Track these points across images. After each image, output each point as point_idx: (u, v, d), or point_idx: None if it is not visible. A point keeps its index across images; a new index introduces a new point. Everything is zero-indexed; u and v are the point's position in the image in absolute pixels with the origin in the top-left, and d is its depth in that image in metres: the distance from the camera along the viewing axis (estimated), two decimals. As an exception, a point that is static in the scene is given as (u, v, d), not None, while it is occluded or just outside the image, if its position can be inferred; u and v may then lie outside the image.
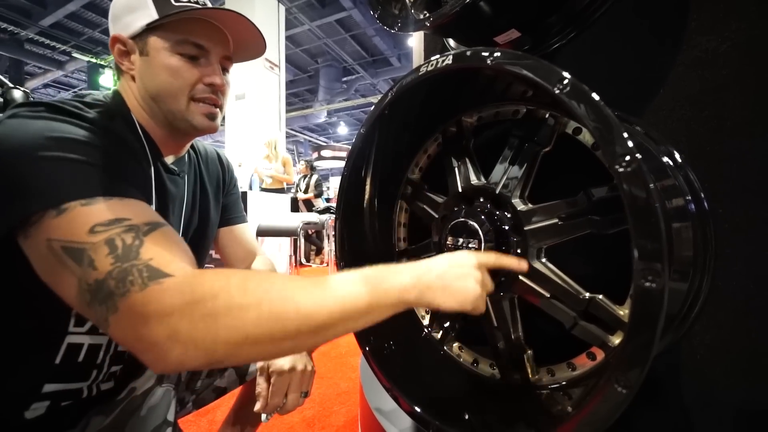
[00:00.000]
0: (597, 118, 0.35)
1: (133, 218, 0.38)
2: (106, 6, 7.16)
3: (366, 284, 0.40)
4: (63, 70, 8.80)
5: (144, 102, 0.54)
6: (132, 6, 0.52)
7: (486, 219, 0.61)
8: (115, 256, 0.35)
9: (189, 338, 0.32)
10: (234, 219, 0.80)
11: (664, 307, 0.30)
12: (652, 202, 0.30)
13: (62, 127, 0.41)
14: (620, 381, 0.33)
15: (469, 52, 0.46)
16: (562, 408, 0.50)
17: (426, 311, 0.81)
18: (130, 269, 0.34)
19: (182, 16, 0.51)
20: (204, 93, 0.54)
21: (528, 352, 0.59)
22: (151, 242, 0.37)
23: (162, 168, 0.57)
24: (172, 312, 0.32)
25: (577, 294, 0.50)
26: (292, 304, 0.35)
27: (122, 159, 0.46)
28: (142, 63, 0.52)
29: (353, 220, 0.83)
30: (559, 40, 0.73)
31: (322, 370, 1.40)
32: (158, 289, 0.33)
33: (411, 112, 0.72)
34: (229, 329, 0.33)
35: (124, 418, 0.50)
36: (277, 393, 0.55)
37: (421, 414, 0.58)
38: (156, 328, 0.32)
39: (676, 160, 0.58)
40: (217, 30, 0.55)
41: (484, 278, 0.46)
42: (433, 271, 0.44)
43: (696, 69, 0.56)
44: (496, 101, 0.65)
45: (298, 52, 8.85)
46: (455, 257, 0.46)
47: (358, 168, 0.79)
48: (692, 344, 0.56)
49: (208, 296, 0.33)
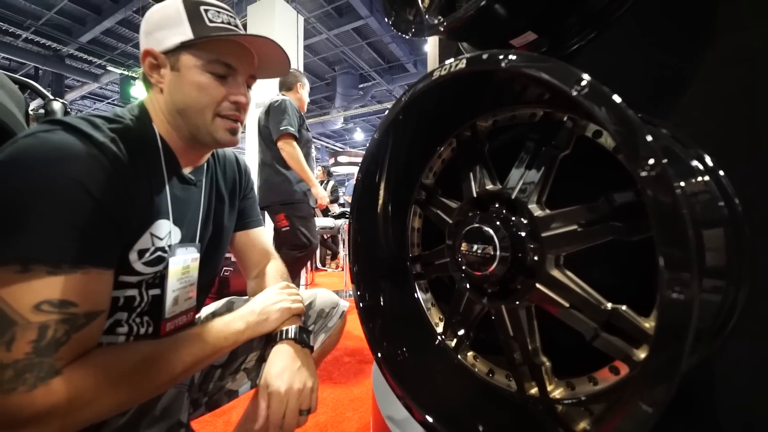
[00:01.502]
0: (618, 121, 0.33)
1: (80, 304, 0.41)
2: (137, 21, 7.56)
3: (209, 338, 0.55)
4: (98, 83, 9.32)
5: (169, 115, 0.57)
6: (166, 23, 0.54)
7: (502, 225, 0.59)
8: (35, 347, 0.37)
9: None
10: (250, 223, 0.82)
11: (693, 320, 0.28)
12: (678, 208, 0.28)
13: (70, 150, 0.43)
14: (645, 398, 0.30)
15: (485, 55, 0.45)
16: (581, 424, 0.47)
17: (440, 318, 0.79)
18: (37, 365, 0.37)
19: (216, 38, 0.53)
20: (229, 110, 0.57)
21: (546, 363, 0.57)
22: (76, 340, 0.41)
23: (178, 178, 0.59)
24: (46, 415, 0.37)
25: (598, 304, 0.48)
26: (150, 382, 0.47)
27: (117, 192, 0.47)
28: (172, 77, 0.55)
29: (367, 225, 0.83)
30: (578, 41, 0.71)
31: (335, 376, 1.39)
32: (43, 392, 0.37)
33: (425, 116, 0.71)
34: (91, 420, 0.42)
35: (138, 418, 0.51)
36: (274, 414, 0.54)
37: (434, 424, 0.56)
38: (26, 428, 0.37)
39: (707, 164, 0.55)
40: (246, 50, 0.57)
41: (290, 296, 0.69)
42: (255, 312, 0.63)
43: (726, 67, 0.53)
44: (512, 104, 0.64)
45: (316, 60, 9.04)
46: (265, 295, 0.68)
47: (372, 173, 0.79)
48: (728, 359, 0.52)
49: (83, 401, 0.40)
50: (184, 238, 0.62)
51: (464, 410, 0.63)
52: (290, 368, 0.57)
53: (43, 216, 0.40)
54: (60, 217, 0.40)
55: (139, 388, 0.45)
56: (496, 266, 0.58)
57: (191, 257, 0.64)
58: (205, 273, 0.68)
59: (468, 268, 0.63)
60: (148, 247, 0.54)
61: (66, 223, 0.41)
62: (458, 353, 0.72)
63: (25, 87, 1.89)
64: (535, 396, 0.57)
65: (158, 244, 0.56)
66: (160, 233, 0.56)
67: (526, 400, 0.58)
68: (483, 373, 0.67)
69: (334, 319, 0.81)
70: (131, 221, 0.50)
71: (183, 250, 0.62)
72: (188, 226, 0.63)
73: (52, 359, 0.38)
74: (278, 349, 0.60)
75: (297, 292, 0.73)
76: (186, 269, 0.64)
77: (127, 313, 0.55)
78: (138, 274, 0.54)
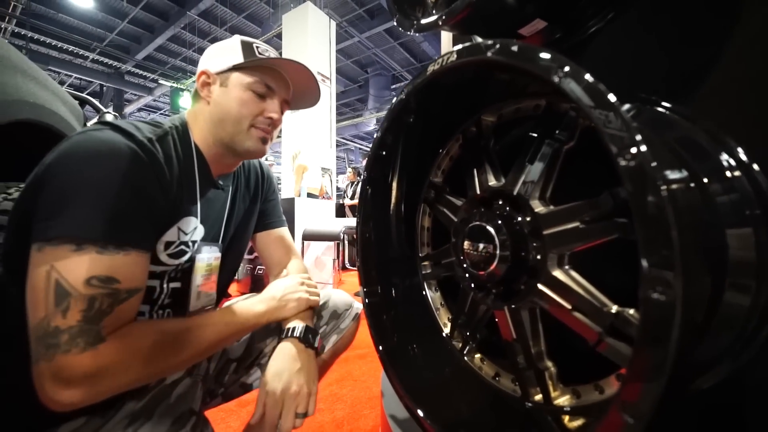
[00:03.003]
0: (597, 104, 0.31)
1: (123, 282, 0.46)
2: (184, 37, 8.16)
3: (233, 318, 0.60)
4: (152, 95, 10.21)
5: (211, 124, 0.64)
6: (224, 52, 0.65)
7: (503, 223, 0.57)
8: (85, 316, 0.42)
9: (91, 395, 0.43)
10: (272, 223, 0.86)
11: (675, 323, 0.25)
12: (658, 203, 0.26)
13: (114, 145, 0.49)
14: (627, 409, 0.28)
15: (470, 46, 0.44)
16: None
17: (449, 319, 0.78)
18: (87, 331, 0.42)
19: (262, 62, 0.64)
20: (262, 124, 0.66)
21: (551, 368, 0.54)
22: (118, 312, 0.46)
23: (208, 182, 0.66)
24: (94, 375, 0.42)
25: (602, 307, 0.44)
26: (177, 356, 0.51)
27: (152, 185, 0.53)
28: (220, 92, 0.64)
29: (376, 226, 0.83)
30: (595, 23, 0.67)
31: (356, 373, 1.41)
32: (92, 354, 0.42)
33: (429, 113, 0.70)
34: (121, 387, 0.46)
35: (154, 404, 0.56)
36: (270, 414, 0.56)
37: (433, 426, 0.55)
38: (66, 390, 0.41)
39: (738, 156, 0.49)
40: (284, 80, 0.68)
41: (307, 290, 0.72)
42: (276, 298, 0.67)
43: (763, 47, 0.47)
44: (516, 97, 0.61)
45: (349, 63, 9.20)
46: (286, 282, 0.71)
47: (378, 173, 0.80)
48: (763, 370, 0.46)
49: (124, 366, 0.45)
50: (206, 237, 0.66)
51: (467, 414, 0.61)
52: (289, 369, 0.59)
53: (92, 202, 0.45)
54: (105, 204, 0.46)
55: (170, 358, 0.50)
56: (497, 265, 0.56)
57: (214, 256, 0.69)
58: (225, 271, 0.73)
59: (470, 267, 0.61)
60: (174, 240, 0.59)
61: (111, 209, 0.46)
62: (464, 355, 0.70)
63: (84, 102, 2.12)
64: (539, 402, 0.54)
65: (183, 238, 0.61)
66: (187, 229, 0.61)
67: (529, 407, 0.55)
68: (489, 376, 0.65)
69: (347, 320, 0.83)
70: (162, 213, 0.55)
71: (207, 249, 0.67)
72: (212, 226, 0.68)
73: (99, 327, 0.43)
74: (282, 347, 0.62)
75: (315, 285, 0.76)
76: (209, 267, 0.69)
77: (149, 306, 0.60)
78: (162, 265, 0.59)
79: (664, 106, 0.56)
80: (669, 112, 0.55)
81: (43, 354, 0.41)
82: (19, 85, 1.03)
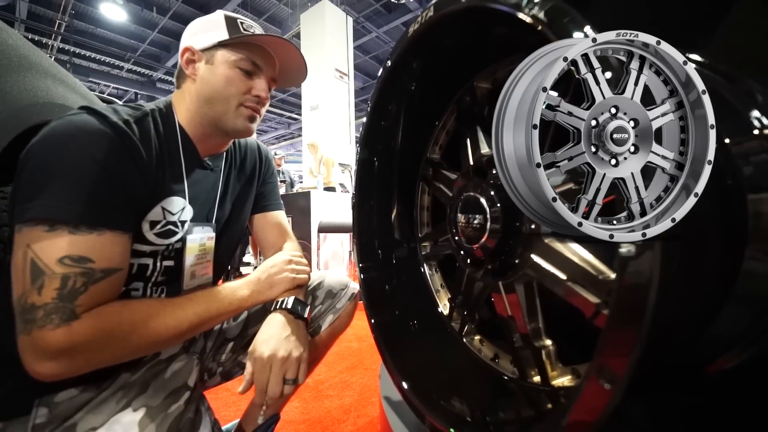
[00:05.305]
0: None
1: (97, 262, 0.47)
2: (209, 43, 8.43)
3: (215, 301, 0.59)
4: (182, 101, 10.66)
5: (198, 103, 0.63)
6: (207, 27, 0.64)
7: (495, 193, 0.53)
8: (60, 294, 0.44)
9: (69, 368, 0.45)
10: (269, 206, 0.85)
11: (656, 273, 0.21)
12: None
13: (86, 128, 0.50)
14: (604, 373, 0.24)
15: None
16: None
17: (449, 300, 0.74)
18: (61, 308, 0.43)
19: (248, 39, 0.62)
20: (250, 102, 0.64)
21: (549, 347, 0.49)
22: (93, 291, 0.46)
23: (194, 162, 0.65)
24: (69, 351, 0.44)
25: (598, 275, 0.40)
26: (155, 333, 0.51)
27: (126, 165, 0.53)
28: (205, 70, 0.63)
29: (376, 201, 0.81)
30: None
31: (367, 362, 1.40)
32: (65, 331, 0.43)
33: (420, 84, 0.67)
34: (102, 363, 0.48)
35: (148, 377, 0.56)
36: (258, 379, 0.56)
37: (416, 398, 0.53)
38: (44, 362, 0.43)
39: None
40: (270, 56, 0.66)
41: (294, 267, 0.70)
42: (261, 280, 0.66)
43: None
44: (509, 56, 0.57)
45: (367, 60, 9.18)
46: (271, 262, 0.69)
47: (371, 152, 0.77)
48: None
49: (99, 343, 0.46)
50: (196, 217, 0.67)
51: (466, 396, 0.58)
52: (277, 336, 0.58)
53: (64, 184, 0.47)
54: (77, 186, 0.47)
55: (147, 338, 0.51)
56: (488, 236, 0.52)
57: (207, 236, 0.69)
58: (221, 251, 0.73)
59: (465, 242, 0.58)
60: (160, 220, 0.60)
61: (83, 190, 0.47)
62: (463, 336, 0.66)
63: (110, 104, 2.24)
64: (538, 383, 0.50)
65: (170, 218, 0.61)
66: (173, 209, 0.61)
67: (528, 388, 0.51)
68: (488, 358, 0.61)
69: (343, 300, 0.81)
70: (141, 193, 0.56)
71: (200, 229, 0.67)
72: (202, 206, 0.68)
73: (72, 306, 0.44)
74: (270, 317, 0.62)
75: (305, 263, 0.74)
76: (203, 247, 0.69)
77: (143, 283, 0.61)
78: (150, 244, 0.60)
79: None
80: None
81: (22, 328, 0.43)
82: (50, 88, 1.09)
